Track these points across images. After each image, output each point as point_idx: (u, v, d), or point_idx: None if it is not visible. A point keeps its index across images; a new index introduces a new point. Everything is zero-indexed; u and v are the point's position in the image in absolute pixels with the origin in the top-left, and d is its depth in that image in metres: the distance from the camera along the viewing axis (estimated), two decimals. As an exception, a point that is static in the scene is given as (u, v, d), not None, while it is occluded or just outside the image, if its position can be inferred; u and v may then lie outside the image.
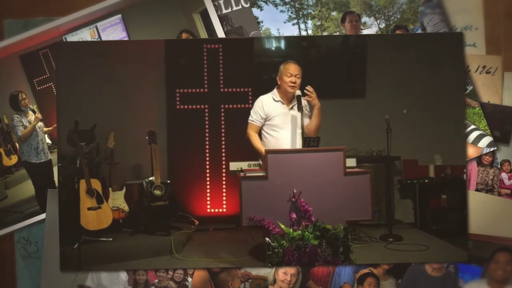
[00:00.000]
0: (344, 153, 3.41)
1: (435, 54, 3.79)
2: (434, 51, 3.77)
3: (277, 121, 3.67)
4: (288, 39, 3.86)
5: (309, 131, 3.64)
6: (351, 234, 3.44)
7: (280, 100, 3.70)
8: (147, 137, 4.00)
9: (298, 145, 3.60)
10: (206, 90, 4.27)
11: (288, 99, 3.70)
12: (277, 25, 3.69)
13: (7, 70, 3.71)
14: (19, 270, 3.56)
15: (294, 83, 3.61)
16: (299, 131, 3.61)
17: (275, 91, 3.73)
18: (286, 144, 3.64)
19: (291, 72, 3.62)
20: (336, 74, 4.21)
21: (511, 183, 3.58)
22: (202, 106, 4.28)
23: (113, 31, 3.68)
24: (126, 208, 3.97)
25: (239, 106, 4.27)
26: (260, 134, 3.74)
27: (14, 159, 3.80)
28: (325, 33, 3.78)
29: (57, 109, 3.63)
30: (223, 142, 4.28)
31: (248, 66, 4.22)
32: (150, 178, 3.99)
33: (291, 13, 3.70)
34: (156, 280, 3.50)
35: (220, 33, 3.62)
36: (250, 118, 3.73)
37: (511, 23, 3.55)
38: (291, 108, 3.69)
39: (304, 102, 3.66)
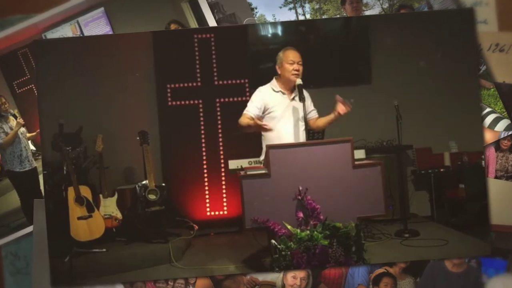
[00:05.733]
0: (352, 145, 3.30)
1: (444, 33, 3.74)
2: (443, 30, 3.71)
3: (277, 113, 3.53)
4: (285, 24, 3.81)
5: (316, 127, 3.59)
6: (363, 231, 3.31)
7: (280, 91, 3.58)
8: (138, 138, 3.95)
9: (302, 138, 3.49)
10: (199, 84, 4.24)
11: (289, 89, 3.57)
12: (272, 11, 3.61)
13: (-16, 73, 3.69)
14: (8, 288, 3.58)
15: (298, 70, 3.49)
16: (301, 123, 3.50)
17: (274, 81, 3.61)
18: (287, 138, 3.52)
19: (292, 59, 3.50)
20: (339, 59, 4.18)
21: (532, 168, 3.51)
22: (196, 102, 4.24)
23: (96, 25, 3.63)
24: (119, 215, 3.91)
25: (235, 99, 4.23)
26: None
27: (-4, 169, 3.77)
28: (324, 17, 3.73)
29: (39, 113, 3.55)
30: (221, 139, 4.25)
31: (243, 56, 4.19)
32: (144, 182, 3.94)
33: (287, -4, 3.71)
34: (156, 292, 3.46)
35: (212, 22, 3.53)
36: (246, 109, 3.59)
37: (524, -4, 3.49)
38: (293, 98, 3.58)
39: (306, 93, 3.57)
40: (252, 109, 3.54)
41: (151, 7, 3.61)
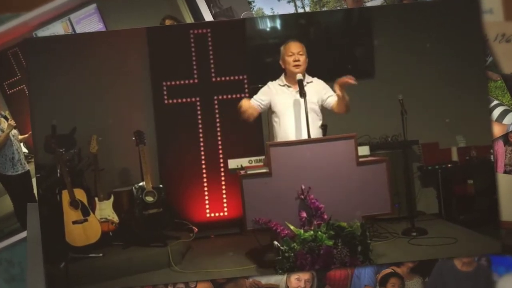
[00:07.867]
0: (356, 141, 3.29)
1: (448, 24, 3.77)
2: (448, 20, 3.74)
3: (280, 106, 3.55)
4: (284, 17, 3.86)
5: (340, 111, 3.52)
6: (369, 231, 3.29)
7: (286, 84, 3.60)
8: (133, 138, 3.94)
9: (304, 134, 3.43)
10: (196, 81, 4.25)
11: (296, 83, 3.55)
12: (270, 4, 3.58)
13: (-27, 74, 3.73)
14: (2, 296, 3.49)
15: (298, 61, 3.50)
16: (303, 117, 3.45)
17: (282, 76, 3.63)
18: (291, 132, 3.53)
19: (292, 51, 3.51)
20: (340, 53, 4.17)
21: (543, 162, 3.51)
22: (193, 99, 4.25)
23: (89, 22, 3.62)
24: (116, 218, 3.90)
25: (234, 96, 4.23)
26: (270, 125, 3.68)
27: (-13, 173, 3.73)
28: (324, 9, 3.70)
29: (31, 114, 3.52)
30: (219, 138, 4.27)
31: (242, 51, 4.20)
32: (140, 184, 3.92)
33: (285, -11, 3.74)
34: (155, 297, 3.46)
35: (208, 17, 3.50)
36: (254, 96, 3.62)
37: (531, -17, 3.46)
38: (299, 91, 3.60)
39: (319, 85, 3.57)
40: (258, 98, 3.55)
41: (145, 3, 3.61)
